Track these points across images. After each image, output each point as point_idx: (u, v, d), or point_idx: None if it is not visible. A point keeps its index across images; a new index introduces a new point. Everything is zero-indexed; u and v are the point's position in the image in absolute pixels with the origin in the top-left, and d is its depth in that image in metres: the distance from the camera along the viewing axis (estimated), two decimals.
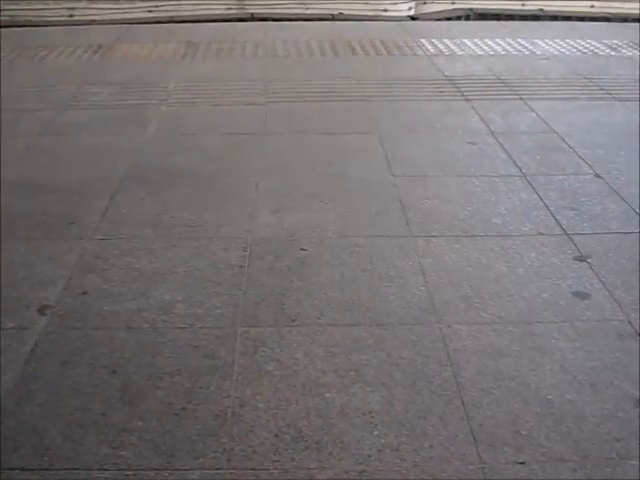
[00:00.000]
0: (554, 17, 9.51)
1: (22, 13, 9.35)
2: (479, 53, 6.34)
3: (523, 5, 10.32)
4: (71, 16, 9.65)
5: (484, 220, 3.32)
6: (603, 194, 3.57)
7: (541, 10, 9.99)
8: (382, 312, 2.64)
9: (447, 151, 4.14)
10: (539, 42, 6.74)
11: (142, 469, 1.97)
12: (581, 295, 2.75)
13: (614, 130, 4.47)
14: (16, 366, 2.36)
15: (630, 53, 6.37)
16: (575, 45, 6.64)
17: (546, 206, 3.44)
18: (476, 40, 6.78)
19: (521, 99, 5.06)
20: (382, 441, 2.06)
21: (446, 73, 5.70)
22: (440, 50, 6.45)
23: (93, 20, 8.95)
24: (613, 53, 6.37)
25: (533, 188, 3.63)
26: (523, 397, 2.22)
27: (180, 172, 3.84)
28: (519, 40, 6.81)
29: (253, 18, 9.30)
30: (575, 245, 3.10)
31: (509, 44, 6.66)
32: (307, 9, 9.82)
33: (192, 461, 2.00)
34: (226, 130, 4.49)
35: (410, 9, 10.69)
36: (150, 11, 9.87)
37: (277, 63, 6.08)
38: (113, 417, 2.15)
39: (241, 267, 2.93)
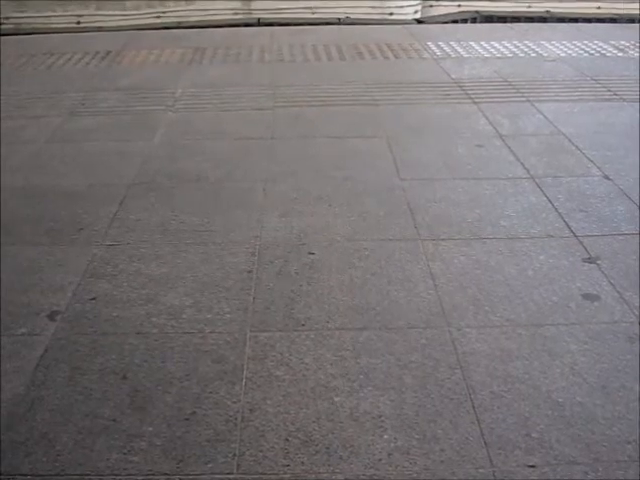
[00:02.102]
0: (561, 19, 9.52)
1: (30, 21, 9.41)
2: (486, 56, 6.34)
3: (529, 7, 10.34)
4: (79, 23, 9.71)
5: (493, 223, 3.31)
6: (612, 196, 3.56)
7: (547, 12, 10.00)
8: (391, 316, 2.64)
9: (455, 154, 4.13)
10: (546, 44, 6.73)
11: (152, 474, 1.97)
12: (591, 297, 2.74)
13: (622, 131, 4.46)
14: (26, 372, 2.36)
15: (637, 54, 6.35)
16: (582, 46, 6.63)
17: (555, 208, 3.43)
18: (483, 43, 6.78)
19: (528, 101, 5.05)
20: (392, 445, 2.06)
21: (453, 76, 5.70)
22: (447, 53, 6.45)
23: (101, 27, 9.01)
24: (620, 54, 6.36)
25: (541, 190, 3.63)
26: (533, 400, 2.22)
27: (188, 177, 3.85)
28: (526, 42, 6.80)
29: (260, 23, 9.35)
30: (584, 247, 3.09)
31: (516, 46, 6.66)
32: (313, 14, 9.85)
33: (202, 466, 2.00)
34: (234, 135, 4.50)
35: (416, 12, 10.71)
36: (158, 17, 9.93)
37: (284, 68, 6.08)
38: (123, 422, 2.15)
39: (250, 272, 2.94)
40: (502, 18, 9.69)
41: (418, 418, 2.15)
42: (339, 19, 9.40)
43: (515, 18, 9.57)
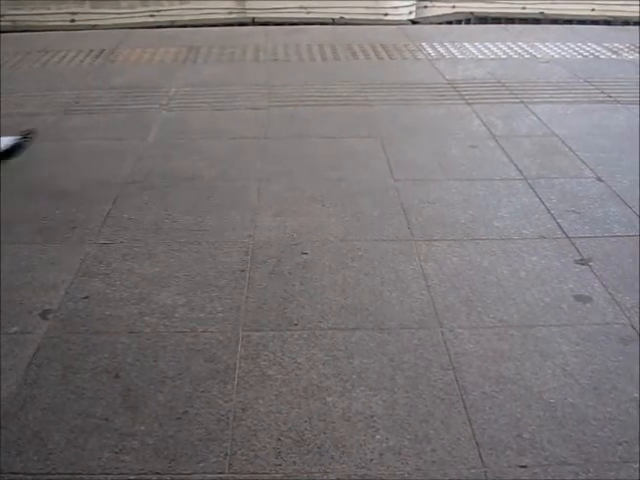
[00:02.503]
0: (555, 20, 9.54)
1: (24, 18, 9.39)
2: (480, 57, 6.35)
3: (524, 8, 10.36)
4: (73, 21, 9.70)
5: (485, 224, 3.32)
6: (604, 197, 3.57)
7: (542, 13, 10.02)
8: (384, 316, 2.64)
9: (449, 155, 4.14)
10: (540, 45, 6.74)
11: (144, 473, 1.97)
12: (583, 299, 2.75)
13: (615, 133, 4.47)
14: (18, 370, 2.36)
15: (631, 56, 6.37)
16: (576, 48, 6.65)
17: (547, 209, 3.44)
18: (477, 44, 6.79)
19: (522, 102, 5.06)
20: (384, 445, 2.06)
21: (447, 77, 5.71)
22: (441, 54, 6.46)
23: (95, 25, 9.00)
24: (614, 56, 6.38)
25: (534, 191, 3.64)
26: (525, 401, 2.22)
27: (182, 176, 3.84)
28: (520, 44, 6.82)
29: (254, 22, 9.35)
30: (577, 248, 3.10)
31: (510, 48, 6.67)
32: (308, 13, 9.85)
33: (194, 465, 2.00)
34: (228, 134, 4.49)
35: (411, 13, 10.73)
36: (152, 16, 9.91)
37: (278, 67, 6.08)
38: (115, 421, 2.15)
39: (243, 271, 2.94)
40: (496, 19, 9.71)
41: (410, 418, 2.16)
42: (333, 19, 9.41)
43: (509, 19, 9.59)
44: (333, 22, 9.24)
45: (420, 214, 3.41)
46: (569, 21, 9.32)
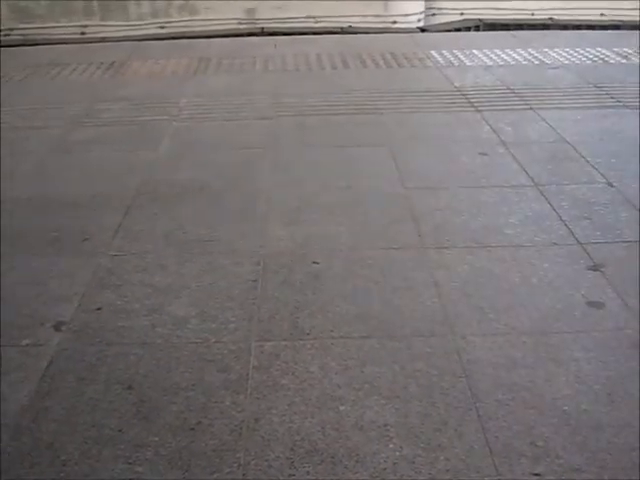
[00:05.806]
0: (564, 26, 9.51)
1: (35, 32, 9.45)
2: (489, 63, 6.35)
3: (532, 15, 10.33)
4: (83, 34, 9.76)
5: (496, 231, 3.31)
6: (616, 203, 3.56)
7: (551, 19, 10.00)
8: (395, 324, 2.64)
9: (458, 162, 4.14)
10: (549, 51, 6.73)
11: None
12: (595, 305, 2.74)
13: (626, 138, 4.46)
14: (32, 382, 2.37)
15: None
16: (585, 54, 6.63)
17: (559, 216, 3.44)
18: (485, 50, 6.79)
19: (531, 109, 5.05)
20: (397, 454, 2.06)
21: (456, 84, 5.71)
22: (450, 61, 6.46)
23: (105, 37, 9.05)
24: (624, 61, 6.36)
25: (545, 198, 3.63)
26: (539, 408, 2.21)
27: (192, 187, 3.86)
28: (529, 50, 6.81)
29: (263, 33, 9.38)
30: (588, 254, 3.09)
31: (519, 54, 6.66)
32: (317, 23, 9.88)
33: (208, 476, 2.00)
34: (238, 145, 4.51)
35: (419, 21, 10.72)
36: (162, 27, 9.96)
37: (288, 77, 6.10)
38: (129, 432, 2.16)
39: (254, 281, 2.94)
40: (505, 26, 9.69)
41: (423, 427, 2.15)
42: (342, 28, 9.43)
43: (518, 26, 9.56)
44: (342, 31, 9.26)
45: (430, 222, 3.41)
46: (578, 26, 9.30)
